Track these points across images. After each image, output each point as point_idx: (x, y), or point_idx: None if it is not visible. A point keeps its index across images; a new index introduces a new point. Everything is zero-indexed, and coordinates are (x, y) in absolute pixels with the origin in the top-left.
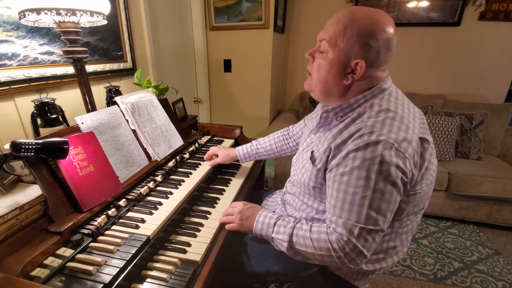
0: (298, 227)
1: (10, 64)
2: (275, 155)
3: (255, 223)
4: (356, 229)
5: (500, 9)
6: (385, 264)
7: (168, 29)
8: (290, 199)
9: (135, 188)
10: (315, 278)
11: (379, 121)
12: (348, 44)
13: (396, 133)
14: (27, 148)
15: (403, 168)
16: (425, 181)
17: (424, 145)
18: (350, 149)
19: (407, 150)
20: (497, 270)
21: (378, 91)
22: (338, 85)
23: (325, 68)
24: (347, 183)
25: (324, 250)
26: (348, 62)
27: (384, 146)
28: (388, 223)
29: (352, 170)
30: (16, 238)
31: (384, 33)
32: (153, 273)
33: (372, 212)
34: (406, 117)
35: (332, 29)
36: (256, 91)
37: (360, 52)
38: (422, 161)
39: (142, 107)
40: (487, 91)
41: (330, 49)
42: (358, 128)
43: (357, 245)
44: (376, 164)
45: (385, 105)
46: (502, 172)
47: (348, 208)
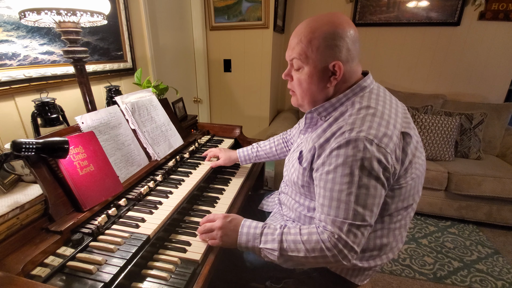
0: (286, 232)
1: (11, 64)
2: (275, 158)
3: (239, 236)
4: (345, 225)
5: (499, 8)
6: (380, 261)
7: (168, 29)
8: (284, 198)
9: (135, 188)
10: (311, 274)
11: (359, 118)
12: (319, 52)
13: (376, 128)
14: (27, 148)
15: (385, 163)
16: (410, 175)
17: (406, 139)
18: (333, 147)
19: (388, 145)
20: (497, 270)
21: (359, 89)
22: (322, 90)
23: (306, 80)
24: (332, 181)
25: (317, 251)
26: (326, 66)
27: (364, 142)
28: (375, 217)
29: (336, 167)
30: (17, 237)
31: (345, 31)
32: (153, 272)
33: (359, 207)
34: (387, 112)
35: (299, 47)
36: (256, 91)
37: (333, 54)
38: (404, 156)
39: (142, 106)
40: (486, 91)
41: (304, 64)
42: (340, 126)
43: (347, 241)
44: (358, 160)
45: (366, 102)
46: (502, 172)
47: (335, 206)
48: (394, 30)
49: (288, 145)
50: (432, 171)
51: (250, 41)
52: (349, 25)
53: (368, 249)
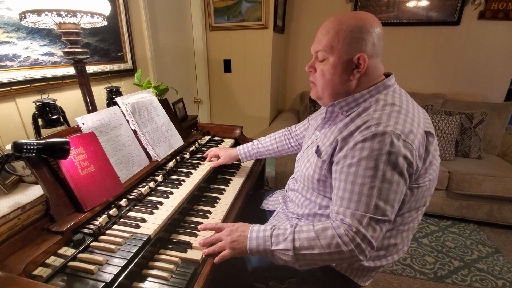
0: (298, 230)
1: (11, 65)
2: (276, 154)
3: (249, 241)
4: (365, 219)
5: (499, 8)
6: (386, 261)
7: (168, 29)
8: (292, 196)
9: (136, 188)
10: (315, 274)
11: (385, 114)
12: (345, 44)
13: (403, 124)
14: (28, 149)
15: (410, 159)
16: (428, 175)
17: (429, 138)
18: (357, 140)
19: (414, 142)
20: (497, 269)
21: (383, 87)
22: (345, 83)
23: (330, 71)
24: (355, 174)
25: (333, 247)
26: (351, 58)
27: (391, 137)
28: (395, 213)
29: (360, 160)
30: (18, 238)
31: (372, 26)
32: (154, 272)
33: (381, 202)
34: (411, 111)
35: (325, 39)
36: (256, 91)
37: (359, 46)
38: (426, 154)
39: (143, 107)
40: (487, 90)
41: (329, 54)
42: (365, 120)
43: (366, 235)
44: (384, 154)
45: (390, 99)
46: (502, 171)
47: (356, 199)
48: (394, 30)
49: (291, 142)
50: None
51: (250, 41)
52: (376, 22)
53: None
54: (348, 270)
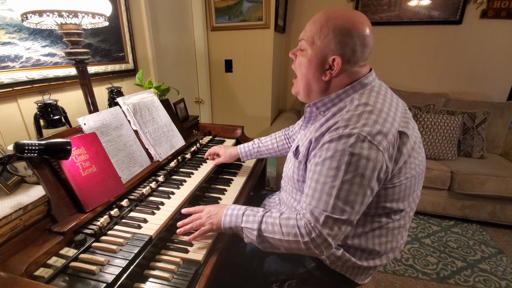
0: (268, 215)
1: (13, 66)
2: (276, 154)
3: (224, 217)
4: (322, 216)
5: (502, 7)
6: (380, 261)
7: (169, 30)
8: (284, 196)
9: (137, 188)
10: (313, 273)
11: (356, 115)
12: (324, 41)
13: (371, 126)
14: (30, 149)
15: (375, 161)
16: (404, 174)
17: (403, 139)
18: (325, 141)
19: (381, 143)
20: (500, 269)
21: (359, 86)
22: (318, 81)
23: (305, 65)
24: (319, 173)
25: (291, 236)
26: (326, 59)
27: (356, 139)
28: (356, 215)
29: (324, 160)
30: (20, 238)
31: (358, 30)
32: (155, 273)
33: (339, 202)
34: (385, 110)
35: (310, 29)
36: (257, 91)
37: (336, 49)
38: (399, 155)
39: (144, 107)
40: (489, 89)
41: (309, 47)
42: (336, 121)
43: (322, 232)
44: (346, 156)
45: (364, 99)
46: (505, 171)
47: (317, 197)
48: (396, 29)
49: (290, 142)
50: (435, 171)
51: (251, 41)
52: (364, 27)
53: (367, 249)
54: (344, 269)
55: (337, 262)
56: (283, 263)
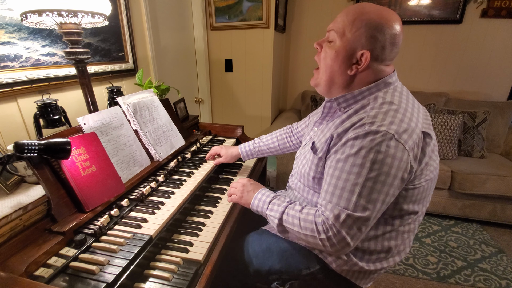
0: (291, 207)
1: (13, 66)
2: (277, 153)
3: (253, 199)
4: (343, 214)
5: (502, 6)
6: (387, 264)
7: (169, 29)
8: (291, 194)
9: (137, 188)
10: (317, 276)
11: (382, 112)
12: (355, 35)
13: (398, 124)
14: (30, 149)
15: (400, 160)
16: (425, 176)
17: (426, 139)
18: (349, 137)
19: (407, 142)
20: (501, 269)
21: (383, 85)
22: (342, 74)
23: (331, 56)
24: (341, 169)
25: (309, 230)
26: (354, 52)
27: (383, 137)
28: (378, 213)
29: (348, 157)
30: (20, 238)
31: (391, 28)
32: (155, 273)
33: (362, 199)
34: (409, 110)
35: (341, 20)
36: (257, 91)
37: (366, 43)
38: (422, 155)
39: (144, 107)
40: (489, 89)
41: (338, 38)
42: (360, 118)
43: (340, 230)
44: (372, 153)
45: (389, 98)
46: (506, 170)
47: (338, 194)
48: None
49: (293, 140)
50: None
51: (251, 40)
52: (397, 25)
53: (375, 251)
54: (349, 273)
55: (343, 266)
56: (287, 264)
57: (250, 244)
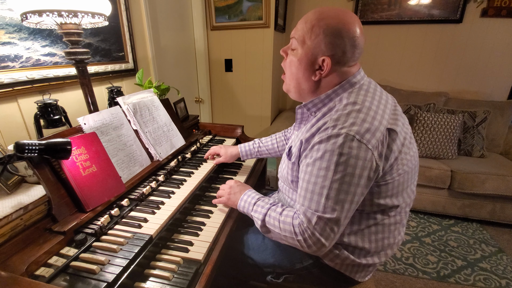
0: (273, 208)
1: (13, 66)
2: (276, 154)
3: (239, 201)
4: (314, 217)
5: (502, 5)
6: (378, 259)
7: (169, 29)
8: (281, 197)
9: (138, 188)
10: (311, 270)
11: (344, 114)
12: (314, 42)
13: (360, 124)
14: (30, 149)
15: (364, 160)
16: (397, 171)
17: (392, 136)
18: (315, 142)
19: (370, 141)
20: (501, 268)
21: (348, 85)
22: (307, 81)
23: (295, 64)
24: (310, 173)
25: (287, 232)
26: (315, 59)
27: (344, 139)
28: (347, 212)
29: (315, 161)
30: (21, 238)
31: (349, 31)
32: (156, 272)
33: (330, 201)
34: (373, 108)
35: (301, 28)
36: (257, 91)
37: (326, 49)
38: (389, 152)
39: (144, 107)
40: (489, 88)
41: (299, 46)
42: (325, 121)
43: (314, 232)
44: (335, 156)
45: (353, 98)
46: (506, 170)
47: (309, 197)
48: (396, 28)
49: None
50: (435, 170)
51: (251, 40)
52: (355, 28)
53: (364, 246)
54: (343, 267)
55: (335, 260)
56: (280, 258)
57: (247, 236)
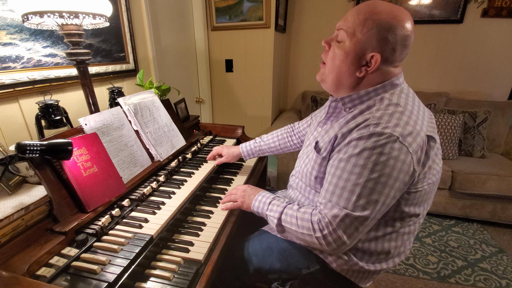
0: (289, 207)
1: (14, 67)
2: (278, 152)
3: (254, 201)
4: (341, 213)
5: (503, 5)
6: (386, 265)
7: (170, 30)
8: (292, 194)
9: (138, 188)
10: (317, 275)
11: (388, 114)
12: (366, 35)
13: (403, 127)
14: (32, 150)
15: (403, 163)
16: (427, 180)
17: (430, 143)
18: (353, 137)
19: (411, 145)
20: (501, 269)
21: (390, 86)
22: (351, 76)
23: (340, 57)
24: (342, 169)
25: (305, 229)
26: (364, 54)
27: (387, 139)
28: (377, 213)
29: (350, 157)
30: (22, 238)
31: (402, 29)
32: (156, 272)
33: (361, 200)
34: (415, 113)
35: (352, 19)
36: (258, 91)
37: (377, 45)
38: (426, 158)
39: (145, 108)
40: (490, 88)
41: (348, 39)
42: (366, 118)
43: (336, 229)
44: (375, 155)
45: (395, 99)
46: (506, 170)
47: (338, 193)
48: None
49: (294, 139)
50: None
51: (252, 41)
52: (409, 25)
53: (375, 252)
54: (349, 272)
55: (343, 266)
56: (287, 263)
57: (251, 243)
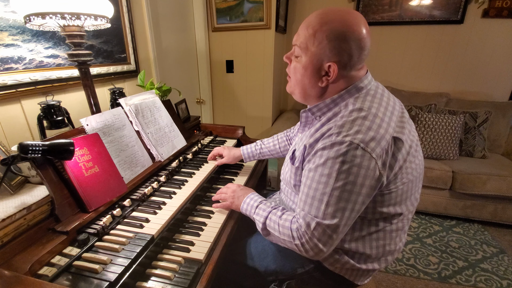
0: (274, 212)
1: (17, 68)
2: (278, 155)
3: (242, 203)
4: (313, 222)
5: (503, 6)
6: (378, 265)
7: (171, 30)
8: (283, 198)
9: (139, 188)
10: (313, 274)
11: (349, 121)
12: (319, 48)
13: (365, 133)
14: (34, 150)
15: (367, 169)
16: (401, 180)
17: (397, 144)
18: (318, 148)
19: (375, 150)
20: (502, 269)
21: (355, 90)
22: (314, 87)
23: (300, 71)
24: (311, 179)
25: (286, 236)
26: (321, 65)
27: (348, 147)
28: (347, 220)
29: (317, 167)
30: (24, 238)
31: (355, 34)
32: (157, 272)
33: (330, 208)
34: (380, 115)
35: (303, 34)
36: (258, 91)
37: (332, 54)
38: (394, 161)
39: (146, 108)
40: (491, 89)
41: (303, 53)
42: (329, 127)
43: (312, 238)
44: (337, 163)
45: (359, 104)
46: (507, 170)
47: (309, 202)
48: (397, 29)
49: (291, 143)
50: (437, 170)
51: (252, 41)
52: (361, 29)
53: (365, 252)
54: (343, 271)
55: (335, 264)
56: (282, 264)
57: (247, 247)
